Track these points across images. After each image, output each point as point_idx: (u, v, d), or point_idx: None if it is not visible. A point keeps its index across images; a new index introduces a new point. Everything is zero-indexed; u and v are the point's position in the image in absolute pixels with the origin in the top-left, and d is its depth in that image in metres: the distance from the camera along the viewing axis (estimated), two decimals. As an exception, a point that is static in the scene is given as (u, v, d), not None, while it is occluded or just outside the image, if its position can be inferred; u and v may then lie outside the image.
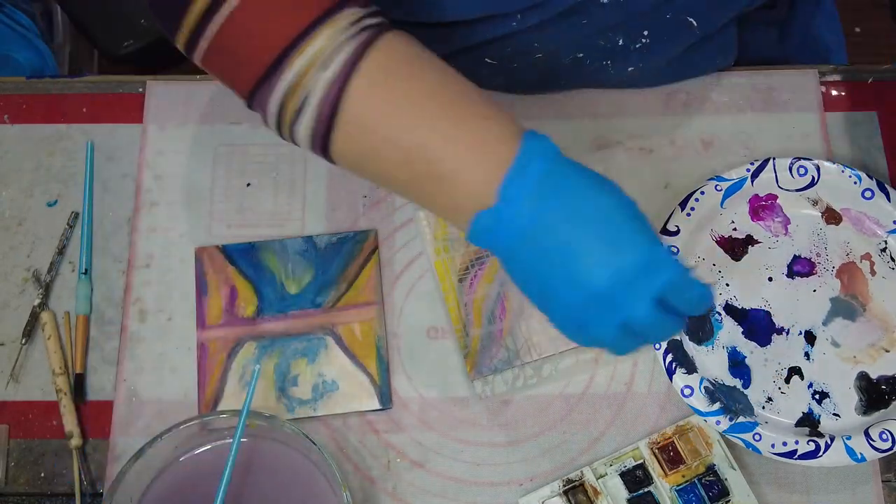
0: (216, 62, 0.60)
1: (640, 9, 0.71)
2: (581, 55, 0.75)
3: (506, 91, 0.80)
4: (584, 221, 0.56)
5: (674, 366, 0.69)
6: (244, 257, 0.75)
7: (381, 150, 0.58)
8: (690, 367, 0.70)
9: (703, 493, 0.67)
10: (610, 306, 0.56)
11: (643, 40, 0.74)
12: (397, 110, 0.57)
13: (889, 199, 0.73)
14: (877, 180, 0.74)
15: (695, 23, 0.73)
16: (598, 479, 0.68)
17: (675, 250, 0.72)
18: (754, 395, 0.70)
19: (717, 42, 0.78)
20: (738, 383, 0.70)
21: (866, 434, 0.67)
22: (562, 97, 0.80)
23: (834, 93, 0.81)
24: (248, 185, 0.78)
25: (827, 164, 0.74)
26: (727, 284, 0.73)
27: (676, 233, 0.73)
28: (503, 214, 0.56)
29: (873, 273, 0.73)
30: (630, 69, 0.76)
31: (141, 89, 0.82)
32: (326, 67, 0.56)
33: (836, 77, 0.82)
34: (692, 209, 0.74)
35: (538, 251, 0.56)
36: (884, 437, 0.67)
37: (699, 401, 0.68)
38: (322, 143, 0.58)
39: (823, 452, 0.67)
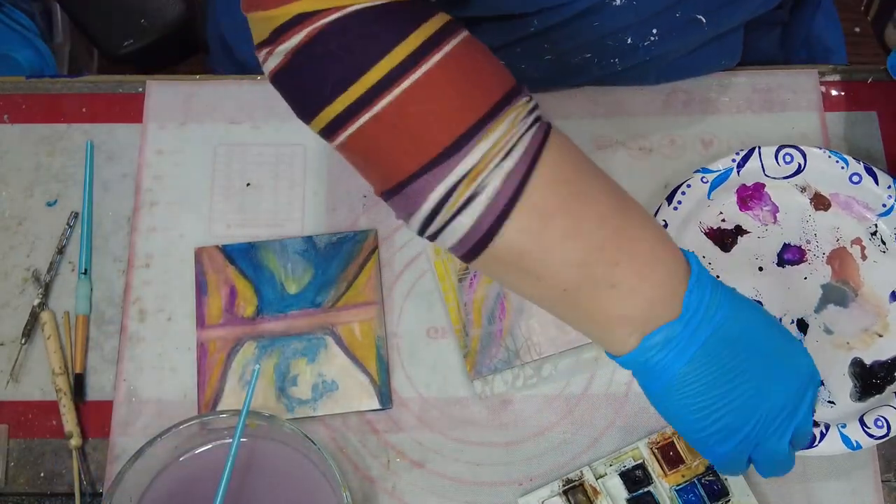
0: (370, 143, 0.53)
1: (653, 10, 0.71)
2: (589, 55, 0.75)
3: None
4: (758, 331, 0.55)
5: None
6: (244, 257, 0.75)
7: (555, 248, 0.53)
8: None
9: (702, 492, 0.67)
10: (792, 414, 0.55)
11: (652, 38, 0.74)
12: (579, 206, 0.53)
13: (877, 182, 0.73)
14: (864, 164, 0.73)
15: (704, 20, 0.73)
16: (597, 479, 0.68)
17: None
18: None
19: (725, 43, 0.78)
20: None
21: (861, 421, 0.67)
22: (562, 96, 0.80)
23: (834, 93, 0.81)
24: (248, 185, 0.78)
25: (813, 149, 0.74)
26: (717, 277, 0.73)
27: (664, 227, 0.73)
28: (686, 327, 0.53)
29: (864, 257, 0.73)
30: (635, 63, 0.76)
31: (141, 89, 0.82)
32: (508, 156, 0.51)
33: (836, 77, 0.82)
34: (679, 203, 0.74)
35: (717, 369, 0.54)
36: (878, 423, 0.67)
37: None
38: (483, 238, 0.52)
39: (819, 442, 0.67)
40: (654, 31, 0.73)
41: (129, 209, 0.78)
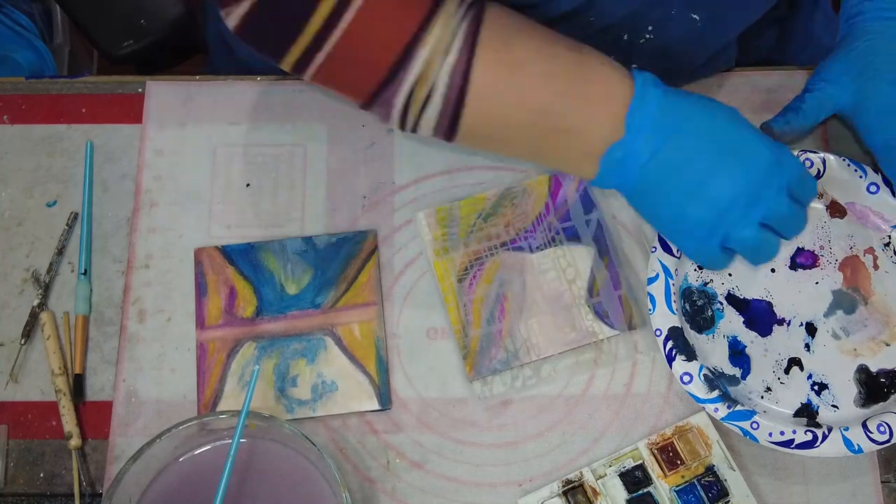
0: (333, 72, 0.61)
1: (648, 1, 0.71)
2: None
3: None
4: (711, 133, 0.62)
5: (674, 353, 0.69)
6: (243, 258, 0.75)
7: (510, 116, 0.62)
8: (690, 355, 0.70)
9: (702, 493, 0.67)
10: (753, 202, 0.62)
11: (647, 36, 0.74)
12: (521, 76, 0.61)
13: (894, 194, 0.73)
14: (882, 175, 0.74)
15: (698, 18, 0.73)
16: (597, 479, 0.68)
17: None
18: (753, 384, 0.70)
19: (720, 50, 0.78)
20: (737, 372, 0.71)
21: (864, 426, 0.67)
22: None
23: (833, 93, 0.81)
24: (248, 185, 0.78)
25: (832, 157, 0.74)
26: (730, 274, 0.73)
27: (619, 66, 0.72)
28: (634, 143, 0.62)
29: (876, 267, 0.73)
30: (633, 66, 0.76)
31: (140, 89, 0.82)
32: (448, 52, 0.59)
33: (836, 78, 0.82)
34: None
35: (671, 171, 0.62)
36: (881, 429, 0.67)
37: (698, 388, 0.68)
38: (450, 124, 0.62)
39: (821, 443, 0.67)
40: (650, 27, 0.73)
41: (128, 210, 0.78)
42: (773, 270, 0.73)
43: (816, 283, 0.73)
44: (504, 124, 0.62)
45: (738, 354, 0.71)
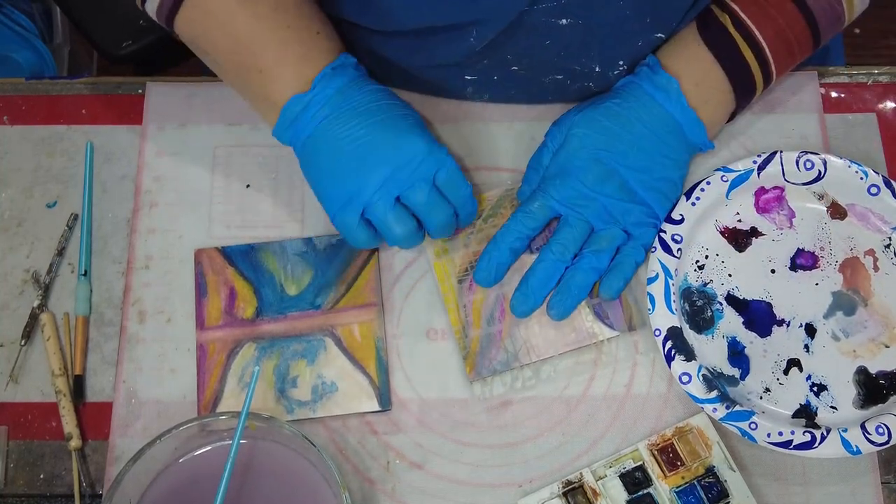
0: None
1: (600, 26, 0.69)
2: (560, 77, 0.74)
3: (494, 102, 0.80)
4: (383, 115, 0.67)
5: (673, 353, 0.70)
6: (243, 258, 0.75)
7: (216, 36, 0.67)
8: (689, 355, 0.70)
9: (702, 494, 0.67)
10: (393, 183, 0.65)
11: (621, 67, 0.73)
12: (237, 5, 0.66)
13: (895, 195, 0.73)
14: (883, 176, 0.74)
15: (664, 36, 0.72)
16: (597, 480, 0.68)
17: (680, 238, 0.72)
18: (752, 384, 0.70)
19: None
20: (736, 373, 0.71)
21: (863, 427, 0.67)
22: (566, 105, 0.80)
23: (833, 94, 0.81)
24: (248, 186, 0.78)
25: (833, 158, 0.74)
26: (729, 275, 0.73)
27: (680, 221, 0.73)
28: (313, 101, 0.66)
29: (876, 269, 0.73)
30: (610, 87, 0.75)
31: (140, 90, 0.82)
32: None
33: (836, 79, 0.82)
34: (697, 199, 0.74)
35: (339, 137, 0.66)
36: (880, 430, 0.67)
37: (696, 388, 0.68)
38: (167, 21, 0.69)
39: (819, 444, 0.67)
40: (621, 62, 0.73)
41: (128, 210, 0.78)
42: (773, 271, 0.73)
43: (816, 284, 0.73)
44: (209, 41, 0.68)
45: (737, 355, 0.71)
